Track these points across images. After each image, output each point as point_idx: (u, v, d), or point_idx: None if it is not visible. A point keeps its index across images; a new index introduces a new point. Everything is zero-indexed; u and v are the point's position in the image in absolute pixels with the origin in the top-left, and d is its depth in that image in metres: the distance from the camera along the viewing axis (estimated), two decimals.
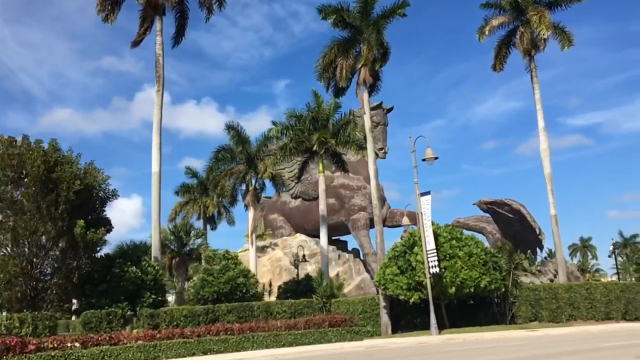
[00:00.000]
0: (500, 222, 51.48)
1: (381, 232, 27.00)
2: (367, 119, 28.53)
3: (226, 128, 38.57)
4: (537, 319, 25.13)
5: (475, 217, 54.79)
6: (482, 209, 52.71)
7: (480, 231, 53.36)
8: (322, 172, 34.66)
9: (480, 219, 54.31)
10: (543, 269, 50.62)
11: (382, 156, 51.50)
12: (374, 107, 53.60)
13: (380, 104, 53.09)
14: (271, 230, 54.73)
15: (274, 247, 52.77)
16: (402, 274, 24.10)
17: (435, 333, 22.18)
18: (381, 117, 53.46)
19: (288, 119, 34.60)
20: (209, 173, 39.11)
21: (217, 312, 19.92)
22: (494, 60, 30.95)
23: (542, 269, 52.67)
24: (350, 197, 51.79)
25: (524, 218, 50.17)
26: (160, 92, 24.55)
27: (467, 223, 54.38)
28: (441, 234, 24.16)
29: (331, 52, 28.14)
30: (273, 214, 55.76)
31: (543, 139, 30.45)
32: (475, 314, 25.54)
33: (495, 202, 51.76)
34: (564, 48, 29.56)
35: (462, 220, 54.58)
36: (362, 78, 27.89)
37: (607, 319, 25.08)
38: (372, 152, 28.22)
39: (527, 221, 49.42)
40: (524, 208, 51.04)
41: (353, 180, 52.35)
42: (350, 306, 26.94)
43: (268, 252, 52.45)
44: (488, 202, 52.12)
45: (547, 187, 29.80)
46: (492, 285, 23.45)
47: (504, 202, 51.06)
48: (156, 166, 23.14)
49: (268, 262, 51.13)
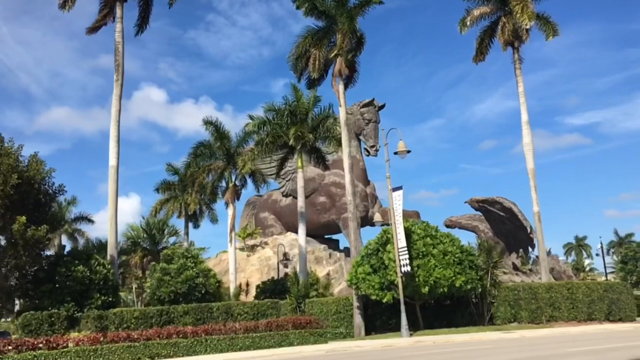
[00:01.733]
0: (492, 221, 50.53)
1: (355, 229, 25.91)
2: (342, 112, 27.43)
3: (204, 123, 37.54)
4: (517, 319, 24.05)
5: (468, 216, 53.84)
6: (473, 207, 51.73)
7: (473, 230, 52.43)
8: (301, 167, 33.53)
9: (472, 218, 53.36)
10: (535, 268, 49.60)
11: (374, 154, 50.53)
12: (366, 104, 52.59)
13: (372, 101, 52.06)
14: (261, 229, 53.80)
15: (264, 246, 51.77)
16: (375, 273, 23.06)
17: (406, 335, 21.11)
18: (373, 114, 52.39)
19: (266, 112, 33.52)
20: (187, 169, 38.08)
21: (172, 313, 18.83)
22: (475, 51, 29.86)
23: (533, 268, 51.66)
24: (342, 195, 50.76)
25: (515, 217, 49.11)
26: (119, 82, 23.45)
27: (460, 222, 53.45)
28: (415, 231, 23.09)
29: (305, 42, 27.05)
30: (264, 212, 54.77)
31: (526, 133, 29.39)
32: (452, 315, 24.48)
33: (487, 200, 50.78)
34: (549, 38, 28.49)
35: (454, 218, 53.64)
36: (338, 69, 26.77)
37: (590, 319, 24.03)
38: (347, 147, 27.15)
39: (519, 220, 48.42)
40: (515, 206, 49.94)
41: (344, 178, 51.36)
42: (323, 306, 25.91)
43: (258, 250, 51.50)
44: (479, 201, 51.14)
45: (530, 183, 28.75)
46: (467, 284, 22.39)
47: (495, 201, 50.06)
48: (114, 160, 22.04)
49: (257, 261, 50.14)
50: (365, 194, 47.67)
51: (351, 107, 53.21)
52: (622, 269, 32.28)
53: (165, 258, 21.77)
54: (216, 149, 37.22)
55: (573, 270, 72.57)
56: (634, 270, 27.89)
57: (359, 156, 47.79)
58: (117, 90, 23.32)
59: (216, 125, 37.47)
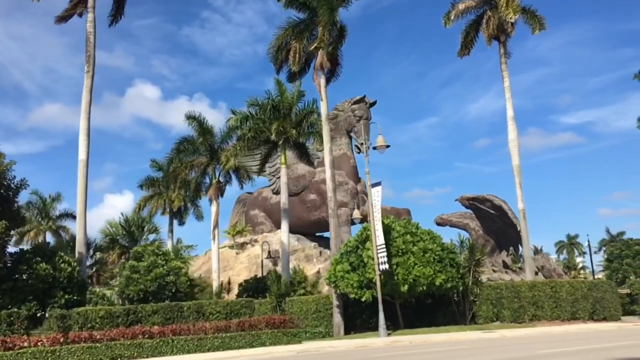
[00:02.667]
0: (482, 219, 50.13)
1: (336, 226, 25.32)
2: (323, 106, 26.80)
3: (186, 118, 36.85)
4: (499, 319, 23.55)
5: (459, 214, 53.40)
6: (464, 205, 51.28)
7: (464, 228, 51.98)
8: (284, 163, 32.95)
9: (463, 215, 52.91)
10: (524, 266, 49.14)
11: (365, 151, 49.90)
12: (357, 101, 52.01)
13: (363, 98, 51.51)
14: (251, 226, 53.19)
15: (253, 244, 51.23)
16: (354, 271, 22.50)
17: (383, 335, 20.56)
18: (364, 111, 51.84)
19: (249, 107, 32.86)
20: (169, 165, 37.38)
21: (139, 312, 18.19)
22: (460, 45, 29.29)
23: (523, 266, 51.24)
24: None
25: (505, 214, 48.67)
26: (90, 74, 22.73)
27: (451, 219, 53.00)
28: (395, 228, 22.55)
29: (285, 34, 26.41)
30: (254, 209, 54.16)
31: (512, 128, 28.90)
32: (433, 314, 23.97)
33: (477, 198, 50.35)
34: (535, 31, 27.95)
35: (445, 216, 53.18)
36: (319, 62, 26.14)
37: (573, 319, 23.54)
38: (328, 142, 26.50)
39: (509, 217, 47.99)
40: (505, 204, 49.49)
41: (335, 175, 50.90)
42: (303, 305, 25.34)
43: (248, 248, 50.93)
44: (470, 198, 50.69)
45: (516, 180, 28.27)
46: (448, 283, 21.87)
47: (485, 198, 49.64)
48: (83, 154, 21.34)
49: (246, 259, 49.57)
50: (356, 191, 47.13)
51: (342, 104, 52.67)
52: (607, 267, 31.87)
53: (136, 255, 21.14)
54: (199, 145, 36.58)
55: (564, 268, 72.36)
56: (619, 269, 27.47)
57: (349, 153, 47.24)
58: (88, 82, 22.60)
59: (199, 120, 36.78)
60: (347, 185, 46.77)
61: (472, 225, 51.88)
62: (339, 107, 53.59)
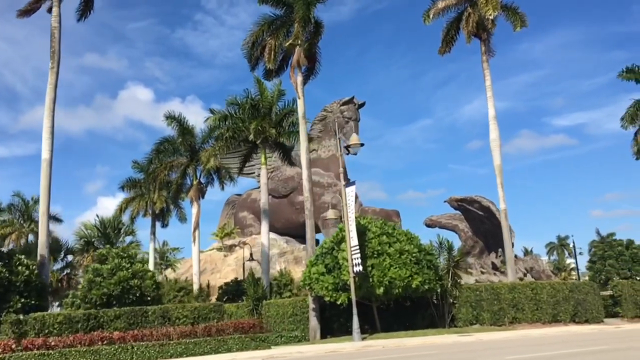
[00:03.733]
0: (471, 220, 49.77)
1: (312, 227, 24.69)
2: (300, 105, 26.19)
3: (165, 118, 36.18)
4: (479, 321, 22.98)
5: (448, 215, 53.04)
6: (452, 206, 50.96)
7: (453, 229, 51.58)
8: (264, 164, 32.34)
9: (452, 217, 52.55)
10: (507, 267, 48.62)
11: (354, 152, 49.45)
12: (346, 102, 51.58)
13: (352, 99, 51.12)
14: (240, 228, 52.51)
15: (242, 246, 50.53)
16: (329, 273, 21.88)
17: (358, 339, 19.92)
18: (353, 112, 51.55)
19: (228, 106, 32.24)
20: (149, 166, 36.66)
21: (101, 318, 17.43)
22: (441, 42, 28.77)
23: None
24: (321, 194, 49.81)
25: (494, 215, 48.29)
26: (54, 70, 22.01)
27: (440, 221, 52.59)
28: (371, 228, 21.95)
29: (260, 30, 25.80)
30: (243, 211, 53.53)
31: (493, 128, 28.39)
32: (412, 317, 23.37)
33: (465, 199, 50.01)
34: (516, 29, 27.48)
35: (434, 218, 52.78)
36: (296, 59, 25.54)
37: (555, 321, 23.04)
38: (305, 140, 25.90)
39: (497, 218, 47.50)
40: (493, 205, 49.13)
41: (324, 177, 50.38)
42: (280, 308, 24.74)
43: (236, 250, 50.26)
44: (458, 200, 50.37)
45: (497, 180, 27.76)
46: (425, 285, 21.28)
47: (473, 200, 49.29)
48: (47, 153, 20.63)
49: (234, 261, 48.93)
50: None
51: (331, 105, 52.21)
52: (590, 268, 31.39)
53: (100, 258, 20.46)
54: (179, 145, 35.89)
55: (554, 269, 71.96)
56: (602, 270, 26.97)
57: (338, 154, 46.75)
58: (52, 79, 21.87)
59: (179, 120, 36.10)
60: (337, 187, 46.25)
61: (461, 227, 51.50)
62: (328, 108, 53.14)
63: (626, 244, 27.83)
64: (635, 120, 29.34)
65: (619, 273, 25.82)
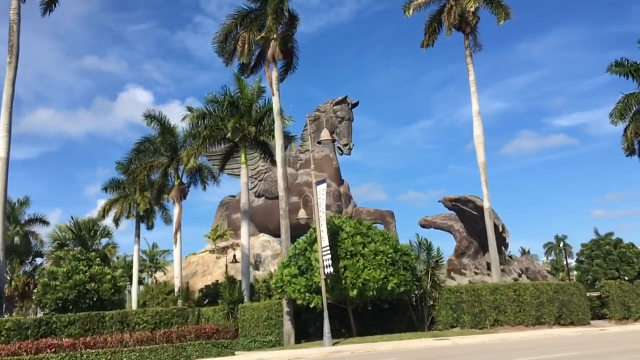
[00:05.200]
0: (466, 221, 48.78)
1: (287, 227, 23.82)
2: (275, 101, 25.34)
3: (145, 118, 35.40)
4: (459, 324, 22.06)
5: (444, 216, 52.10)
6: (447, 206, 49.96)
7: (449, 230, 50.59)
8: (245, 163, 31.44)
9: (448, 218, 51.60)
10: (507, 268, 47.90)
11: (347, 152, 48.92)
12: (339, 102, 50.72)
13: (345, 99, 50.28)
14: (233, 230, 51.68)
15: (235, 248, 49.67)
16: (302, 275, 20.99)
17: (329, 344, 19.05)
18: (346, 112, 50.70)
19: (207, 104, 31.41)
20: (128, 166, 35.83)
21: (54, 324, 16.57)
22: (424, 36, 27.91)
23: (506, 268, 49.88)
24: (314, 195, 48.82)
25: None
26: (12, 65, 21.20)
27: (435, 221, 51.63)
28: (345, 229, 21.06)
29: (233, 24, 24.98)
30: (236, 213, 52.53)
31: (477, 124, 27.56)
32: (391, 320, 22.47)
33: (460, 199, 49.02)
34: (500, 22, 26.67)
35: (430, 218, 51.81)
36: (271, 54, 24.67)
37: (539, 324, 22.12)
38: (281, 138, 25.03)
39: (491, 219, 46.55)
40: None
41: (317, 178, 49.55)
42: (255, 312, 23.90)
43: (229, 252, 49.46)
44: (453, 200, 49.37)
45: (482, 178, 26.91)
46: (401, 287, 20.38)
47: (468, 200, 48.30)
48: (3, 151, 19.76)
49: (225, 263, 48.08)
50: (339, 194, 45.79)
51: (324, 105, 51.35)
52: (578, 268, 30.43)
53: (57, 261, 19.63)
54: (159, 145, 35.09)
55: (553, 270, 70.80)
56: (589, 270, 26.02)
57: (332, 155, 45.92)
58: (11, 75, 21.06)
59: (160, 120, 35.32)
60: (330, 188, 45.37)
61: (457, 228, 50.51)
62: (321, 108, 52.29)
63: (614, 243, 26.85)
64: (624, 116, 28.39)
65: (606, 273, 24.86)
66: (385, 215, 47.20)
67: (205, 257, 50.86)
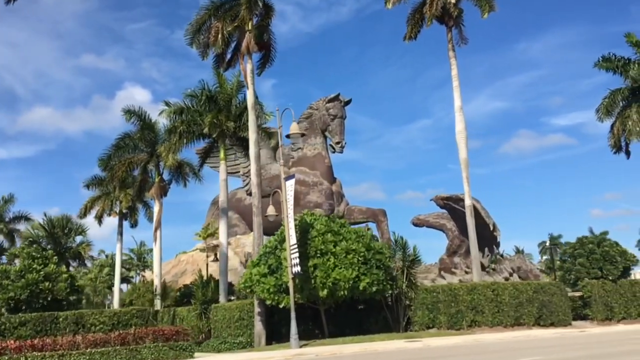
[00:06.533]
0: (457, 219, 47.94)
1: (259, 224, 23.10)
2: (249, 94, 24.62)
3: (124, 113, 34.63)
4: (435, 325, 21.34)
5: (436, 214, 51.35)
6: (438, 204, 49.16)
7: (441, 228, 49.82)
8: (224, 159, 30.73)
9: (440, 216, 50.84)
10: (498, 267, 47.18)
11: (340, 150, 47.90)
12: (331, 99, 49.78)
13: (338, 96, 49.36)
14: None
15: None
16: (272, 274, 20.26)
17: (295, 346, 18.35)
18: (339, 110, 49.74)
19: (185, 99, 30.66)
20: (107, 162, 35.08)
21: (3, 324, 15.81)
22: (407, 28, 27.13)
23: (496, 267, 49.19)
24: (306, 193, 48.02)
25: (479, 214, 46.35)
26: None
27: (428, 220, 50.87)
28: (315, 226, 20.33)
29: (206, 14, 24.24)
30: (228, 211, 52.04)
31: (459, 119, 26.84)
32: (366, 320, 21.77)
33: (451, 197, 48.18)
34: (484, 14, 25.88)
35: (422, 217, 51.03)
36: (245, 45, 23.87)
37: (518, 324, 21.43)
38: (254, 132, 24.31)
39: (482, 217, 45.85)
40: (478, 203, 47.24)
41: (309, 175, 48.67)
42: (227, 312, 23.26)
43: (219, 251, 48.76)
44: (444, 198, 48.58)
45: (463, 174, 26.26)
46: (373, 286, 19.65)
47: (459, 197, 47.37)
48: None
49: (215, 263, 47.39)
50: (330, 192, 45.02)
51: (317, 102, 50.51)
52: (561, 267, 29.73)
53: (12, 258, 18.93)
54: (137, 140, 34.36)
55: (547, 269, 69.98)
56: (571, 269, 25.35)
57: (324, 153, 45.26)
58: None
59: (140, 115, 34.57)
60: (322, 186, 44.65)
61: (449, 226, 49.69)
62: (314, 105, 51.43)
63: (598, 241, 26.14)
64: (610, 112, 27.64)
65: (589, 272, 24.18)
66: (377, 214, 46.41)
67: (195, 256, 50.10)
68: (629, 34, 27.28)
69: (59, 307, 17.67)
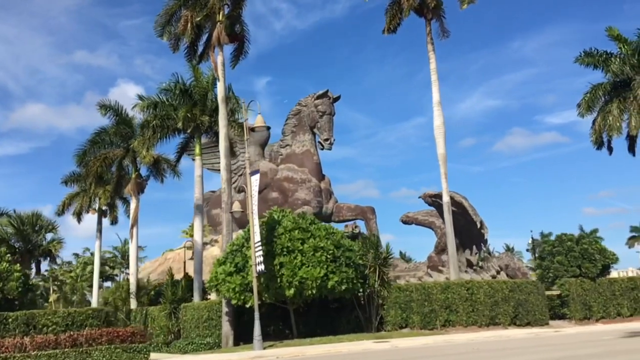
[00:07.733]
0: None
1: (229, 222, 22.41)
2: (220, 87, 23.91)
3: (99, 107, 33.78)
4: (409, 324, 20.70)
5: (425, 212, 50.78)
6: (426, 202, 48.54)
7: (430, 226, 49.21)
8: (199, 155, 29.89)
9: (429, 213, 50.26)
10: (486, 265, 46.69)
11: (328, 147, 47.25)
12: (320, 96, 49.05)
13: (326, 92, 48.66)
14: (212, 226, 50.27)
15: (213, 244, 48.15)
16: (238, 273, 19.56)
17: (258, 347, 17.68)
18: (327, 106, 49.11)
19: (159, 93, 29.85)
20: (82, 158, 34.27)
21: None
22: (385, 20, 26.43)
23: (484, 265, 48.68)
24: (294, 190, 47.38)
25: (466, 211, 45.86)
26: None
27: (417, 217, 50.27)
28: (282, 223, 19.63)
29: (176, 4, 23.47)
30: (216, 208, 50.90)
31: (437, 114, 26.23)
32: (337, 320, 21.10)
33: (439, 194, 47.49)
34: (463, 6, 25.23)
35: (411, 214, 50.45)
36: (216, 37, 23.11)
37: (493, 324, 20.82)
38: (225, 126, 23.58)
39: (470, 214, 45.30)
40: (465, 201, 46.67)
41: (297, 173, 48.04)
42: (195, 312, 22.53)
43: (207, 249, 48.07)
44: (432, 195, 47.94)
45: (441, 170, 25.67)
46: (342, 285, 19.00)
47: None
48: None
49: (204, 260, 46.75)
50: (319, 189, 44.37)
51: (305, 99, 49.78)
52: (539, 265, 29.17)
53: None
54: (113, 135, 33.56)
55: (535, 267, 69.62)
56: (550, 267, 24.79)
57: (313, 150, 44.63)
58: None
59: (116, 110, 33.75)
60: (310, 183, 44.01)
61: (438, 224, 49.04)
62: (302, 102, 50.71)
63: (577, 238, 25.57)
64: (592, 107, 27.03)
65: (567, 270, 23.61)
66: (365, 211, 45.80)
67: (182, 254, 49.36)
68: (610, 27, 26.70)
69: (11, 307, 16.92)
